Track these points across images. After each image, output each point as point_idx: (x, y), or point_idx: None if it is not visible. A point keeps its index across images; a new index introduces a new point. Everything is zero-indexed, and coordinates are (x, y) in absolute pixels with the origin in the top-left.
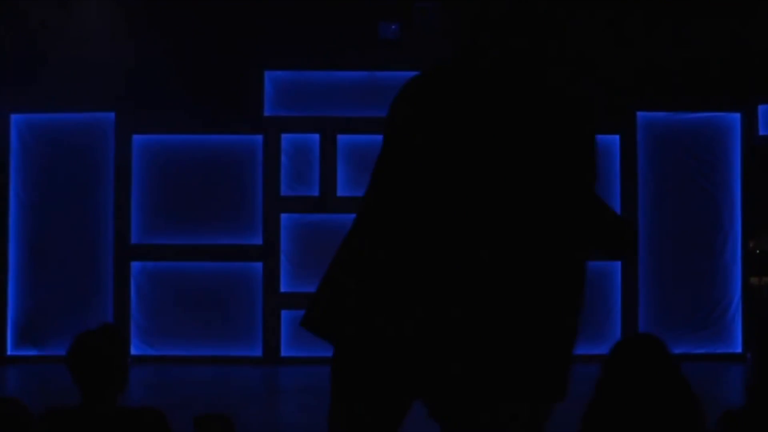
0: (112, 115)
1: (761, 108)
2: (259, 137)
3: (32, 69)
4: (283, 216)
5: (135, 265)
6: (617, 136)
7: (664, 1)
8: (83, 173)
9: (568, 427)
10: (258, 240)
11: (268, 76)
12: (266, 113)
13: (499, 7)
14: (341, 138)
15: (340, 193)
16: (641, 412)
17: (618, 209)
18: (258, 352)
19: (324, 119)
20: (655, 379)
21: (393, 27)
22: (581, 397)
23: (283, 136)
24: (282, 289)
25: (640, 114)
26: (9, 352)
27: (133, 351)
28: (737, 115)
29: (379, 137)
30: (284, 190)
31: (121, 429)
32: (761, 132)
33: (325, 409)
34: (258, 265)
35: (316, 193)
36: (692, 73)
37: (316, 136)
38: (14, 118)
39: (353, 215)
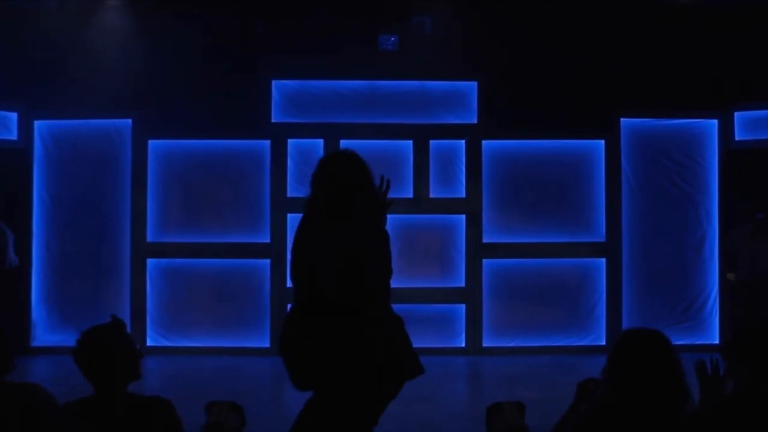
0: (129, 121)
1: (737, 115)
2: (267, 142)
3: (54, 78)
4: (290, 216)
5: (151, 262)
6: (602, 141)
7: (646, 17)
8: (102, 176)
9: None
10: (266, 238)
11: (276, 85)
12: (273, 120)
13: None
14: (344, 143)
15: None
16: (644, 397)
17: (603, 209)
18: (266, 344)
19: (327, 125)
20: (661, 368)
21: (392, 39)
22: (569, 386)
23: (290, 141)
24: (288, 284)
25: (623, 120)
26: (33, 344)
27: (148, 342)
28: (714, 122)
29: (378, 142)
30: (290, 192)
31: (131, 417)
32: (737, 137)
33: None
34: (266, 262)
35: None
36: (673, 82)
37: (320, 141)
38: (37, 124)
39: None
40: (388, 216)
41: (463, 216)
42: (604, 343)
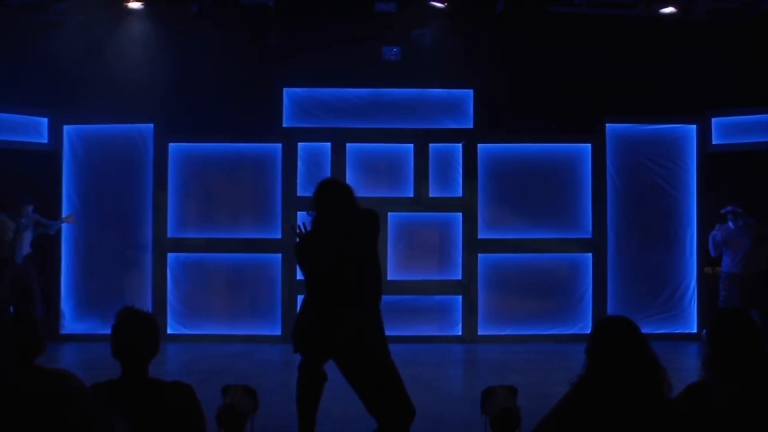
0: (151, 125)
1: (714, 120)
2: (278, 145)
3: (82, 86)
4: (299, 213)
5: (171, 256)
6: (589, 145)
7: (629, 30)
8: (126, 176)
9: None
10: (277, 234)
11: (287, 92)
12: (285, 125)
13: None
14: (350, 146)
15: None
16: (620, 381)
17: (590, 207)
18: (277, 331)
19: (335, 130)
20: (631, 353)
21: (394, 50)
22: (558, 371)
23: (300, 144)
24: (298, 277)
25: (609, 125)
26: (61, 332)
27: (168, 330)
28: (693, 127)
29: (382, 145)
30: (300, 191)
31: (154, 400)
32: (714, 141)
33: (335, 382)
34: (277, 256)
35: None
36: (655, 90)
37: (328, 145)
38: (66, 128)
39: None
40: (391, 213)
41: (460, 214)
42: (590, 331)
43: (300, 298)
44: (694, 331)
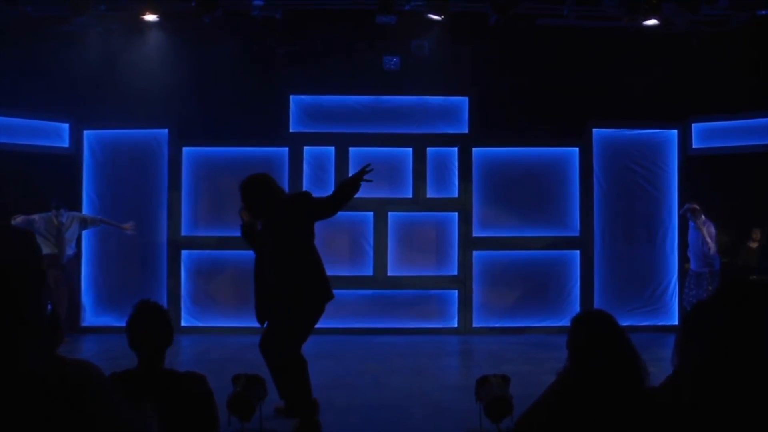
0: (165, 131)
1: (694, 125)
2: (285, 149)
3: (100, 93)
4: None
5: (184, 253)
6: (577, 149)
7: (615, 40)
8: (142, 178)
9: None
10: None
11: (293, 99)
12: (291, 130)
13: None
14: (352, 150)
15: None
16: (599, 371)
17: (577, 207)
18: None
19: (338, 135)
20: (607, 344)
21: (395, 60)
22: (548, 361)
23: (305, 148)
24: None
25: (595, 130)
26: (82, 324)
27: (182, 323)
28: (674, 132)
29: (383, 149)
30: None
31: (170, 388)
32: (694, 145)
33: (338, 372)
34: None
35: None
36: (638, 97)
37: (332, 149)
38: (86, 133)
39: (362, 213)
40: (391, 213)
41: (456, 213)
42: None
43: None
44: (676, 323)
